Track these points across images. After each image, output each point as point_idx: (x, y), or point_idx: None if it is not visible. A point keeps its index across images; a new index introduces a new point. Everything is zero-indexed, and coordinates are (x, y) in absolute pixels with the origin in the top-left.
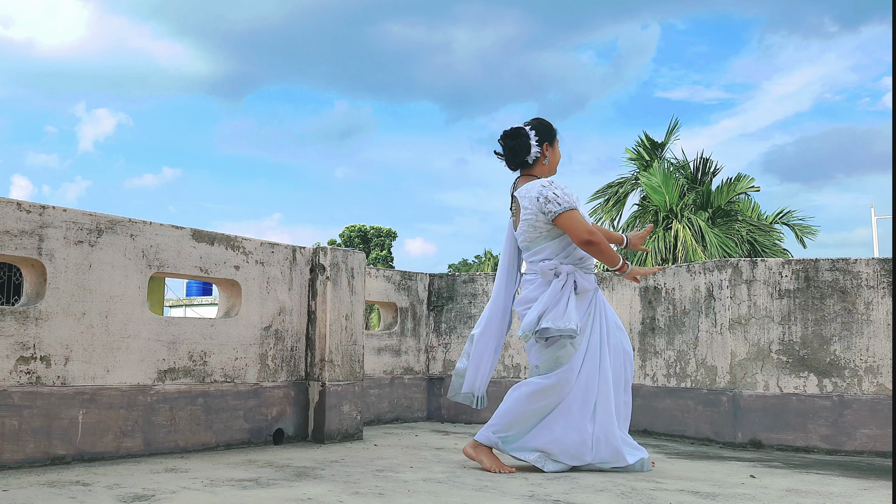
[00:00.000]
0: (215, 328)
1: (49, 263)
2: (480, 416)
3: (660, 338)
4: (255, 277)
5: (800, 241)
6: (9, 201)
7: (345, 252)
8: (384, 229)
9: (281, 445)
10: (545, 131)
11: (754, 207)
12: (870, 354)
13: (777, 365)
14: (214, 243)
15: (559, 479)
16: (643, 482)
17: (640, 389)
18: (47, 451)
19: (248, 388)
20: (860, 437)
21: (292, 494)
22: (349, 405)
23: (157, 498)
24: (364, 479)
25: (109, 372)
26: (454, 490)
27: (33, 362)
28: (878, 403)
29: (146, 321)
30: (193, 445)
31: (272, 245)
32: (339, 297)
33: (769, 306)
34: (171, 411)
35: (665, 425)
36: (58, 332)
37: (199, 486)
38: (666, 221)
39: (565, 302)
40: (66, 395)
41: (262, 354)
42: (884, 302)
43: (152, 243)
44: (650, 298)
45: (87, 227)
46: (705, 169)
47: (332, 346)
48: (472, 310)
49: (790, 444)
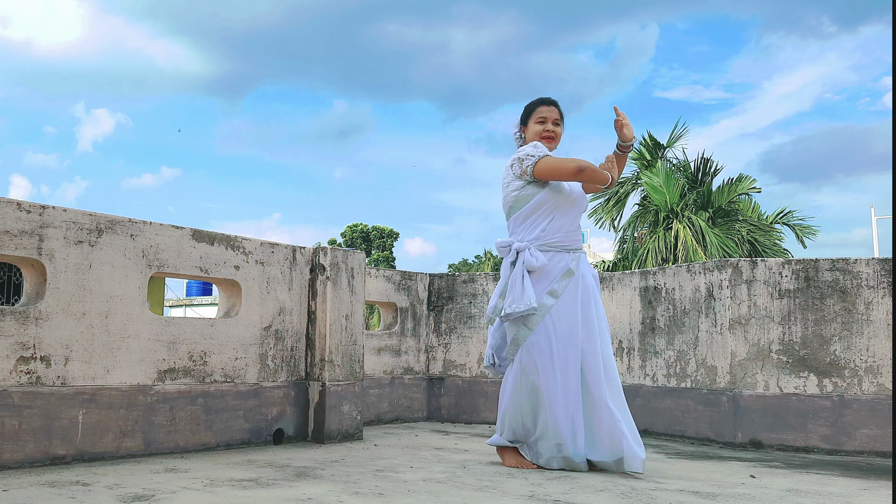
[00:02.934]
0: (215, 328)
1: (49, 263)
2: (481, 415)
3: (660, 338)
4: (255, 277)
5: (800, 241)
6: (9, 201)
7: (345, 252)
8: (386, 229)
9: (281, 445)
10: (522, 114)
11: (755, 207)
12: (870, 354)
13: (777, 365)
14: (214, 243)
15: (559, 479)
16: (643, 482)
17: (640, 389)
18: (47, 451)
19: (248, 388)
20: (860, 437)
21: (292, 494)
22: (349, 405)
23: (157, 498)
24: (364, 479)
25: (109, 372)
26: (454, 490)
27: (33, 362)
28: (878, 403)
29: (146, 321)
30: (193, 445)
31: (272, 245)
32: (339, 297)
33: (769, 306)
34: (171, 411)
35: (665, 425)
36: (58, 332)
37: (199, 486)
38: (666, 221)
39: (520, 281)
40: (66, 395)
41: (262, 354)
42: (884, 302)
43: (152, 243)
44: (650, 298)
45: (87, 227)
46: (706, 169)
47: (332, 346)
48: (472, 310)
49: (790, 444)
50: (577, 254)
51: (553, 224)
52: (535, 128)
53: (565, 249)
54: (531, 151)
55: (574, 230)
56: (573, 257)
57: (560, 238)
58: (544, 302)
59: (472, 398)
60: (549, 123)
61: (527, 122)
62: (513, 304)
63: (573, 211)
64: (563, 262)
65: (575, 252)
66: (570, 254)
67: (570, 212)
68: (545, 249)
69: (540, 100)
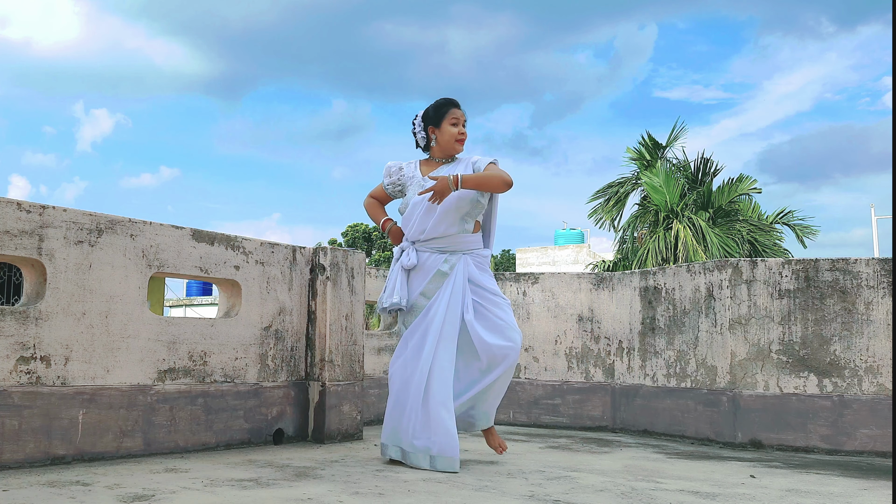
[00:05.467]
0: (215, 328)
1: (49, 263)
2: None
3: (660, 338)
4: (255, 277)
5: (800, 241)
6: (9, 201)
7: (345, 252)
8: None
9: (281, 445)
10: (428, 115)
11: (755, 207)
12: (870, 354)
13: (777, 365)
14: (214, 243)
15: (559, 479)
16: (643, 482)
17: (640, 389)
18: (47, 451)
19: (248, 388)
20: (860, 437)
21: (292, 494)
22: (349, 405)
23: (157, 498)
24: (364, 479)
25: (109, 372)
26: (454, 490)
27: (33, 362)
28: (878, 403)
29: (146, 321)
30: (193, 445)
31: (272, 245)
32: (339, 297)
33: (769, 306)
34: (171, 411)
35: (665, 425)
36: (58, 332)
37: (199, 486)
38: (666, 221)
39: (394, 277)
40: (66, 395)
41: (262, 354)
42: (884, 302)
43: (152, 243)
44: (650, 298)
45: (87, 227)
46: (706, 169)
47: (332, 346)
48: None
49: (790, 444)
50: (454, 256)
51: (426, 225)
52: (450, 130)
53: (440, 251)
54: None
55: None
56: (446, 258)
57: (435, 240)
58: (418, 301)
59: None
60: (461, 126)
61: (439, 124)
62: (385, 298)
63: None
64: (436, 264)
65: (452, 254)
66: (446, 255)
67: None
68: (422, 250)
69: (449, 101)
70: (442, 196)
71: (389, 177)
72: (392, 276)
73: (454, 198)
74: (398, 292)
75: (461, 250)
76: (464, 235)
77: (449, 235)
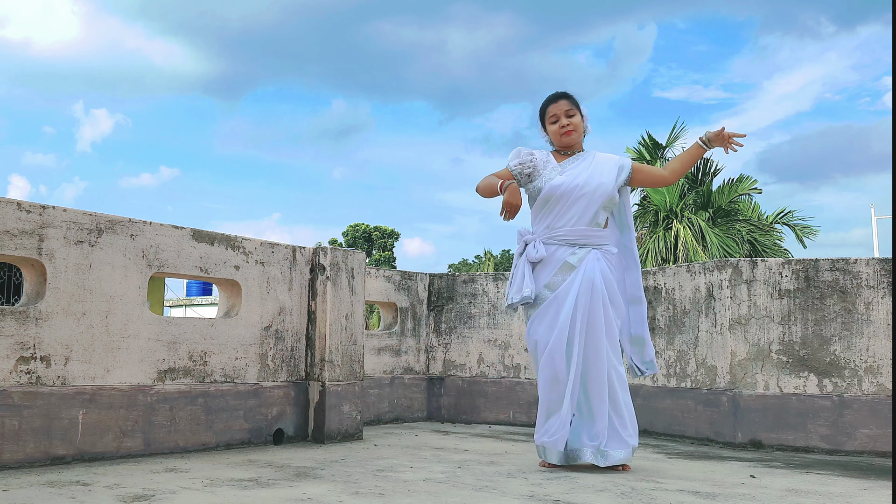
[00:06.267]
0: (215, 328)
1: (49, 263)
2: (481, 416)
3: (660, 338)
4: (255, 277)
5: (800, 241)
6: (9, 201)
7: (345, 252)
8: (387, 229)
9: (281, 445)
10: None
11: (755, 207)
12: (870, 354)
13: (777, 365)
14: (214, 243)
15: (559, 479)
16: (643, 482)
17: (640, 389)
18: (47, 451)
19: (248, 388)
20: (860, 437)
21: (292, 494)
22: (349, 405)
23: (157, 498)
24: (364, 479)
25: (109, 372)
26: (454, 490)
27: (33, 362)
28: (878, 403)
29: (146, 321)
30: (193, 445)
31: (272, 245)
32: (339, 297)
33: (769, 306)
34: (171, 411)
35: (665, 425)
36: (58, 332)
37: (199, 486)
38: (666, 221)
39: (520, 272)
40: (66, 395)
41: (262, 354)
42: (884, 302)
43: (152, 243)
44: (650, 298)
45: (87, 227)
46: (706, 169)
47: (332, 346)
48: (471, 310)
49: (790, 444)
50: (583, 249)
51: (557, 218)
52: (552, 129)
53: (569, 244)
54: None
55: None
56: (574, 251)
57: (565, 232)
58: (542, 294)
59: (471, 398)
60: (563, 118)
61: (544, 126)
62: (513, 293)
63: (578, 205)
64: (563, 256)
65: (581, 247)
66: (574, 248)
67: (575, 207)
68: (549, 243)
69: (546, 100)
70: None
71: (519, 158)
72: (518, 270)
73: (600, 190)
74: (528, 286)
75: (591, 244)
76: (595, 229)
77: (581, 228)
